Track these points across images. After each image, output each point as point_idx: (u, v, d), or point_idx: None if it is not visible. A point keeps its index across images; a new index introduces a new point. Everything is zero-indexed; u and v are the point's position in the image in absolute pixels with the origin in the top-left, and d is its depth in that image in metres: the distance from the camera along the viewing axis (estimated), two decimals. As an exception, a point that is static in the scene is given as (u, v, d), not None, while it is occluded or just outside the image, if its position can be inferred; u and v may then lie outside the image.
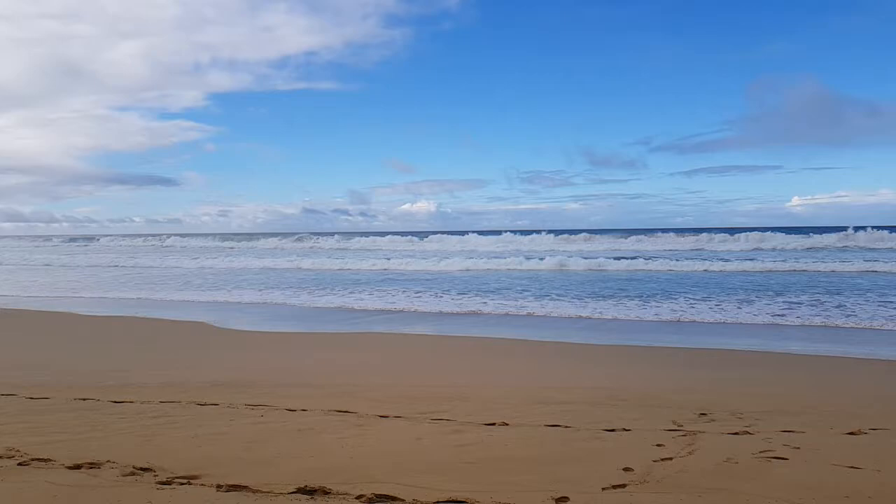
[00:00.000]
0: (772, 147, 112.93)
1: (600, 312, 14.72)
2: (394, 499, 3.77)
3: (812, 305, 15.47)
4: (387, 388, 7.23)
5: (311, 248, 51.51)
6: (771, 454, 4.62)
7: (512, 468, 4.37)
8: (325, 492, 3.88)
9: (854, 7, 74.08)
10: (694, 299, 16.84)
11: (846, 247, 39.11)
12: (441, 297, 18.18)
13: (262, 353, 10.20)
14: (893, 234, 39.84)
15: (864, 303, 15.68)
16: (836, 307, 15.05)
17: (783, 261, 28.41)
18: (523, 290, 19.70)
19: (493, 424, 5.57)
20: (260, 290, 20.43)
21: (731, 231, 46.70)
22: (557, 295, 18.29)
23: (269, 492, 3.86)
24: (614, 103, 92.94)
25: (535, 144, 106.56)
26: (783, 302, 16.11)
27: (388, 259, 34.61)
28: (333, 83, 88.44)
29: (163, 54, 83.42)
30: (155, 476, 4.13)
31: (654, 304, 16.04)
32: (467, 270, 28.22)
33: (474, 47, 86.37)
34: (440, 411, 5.99)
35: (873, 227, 42.45)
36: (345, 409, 6.00)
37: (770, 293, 17.92)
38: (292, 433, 5.26)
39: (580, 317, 14.22)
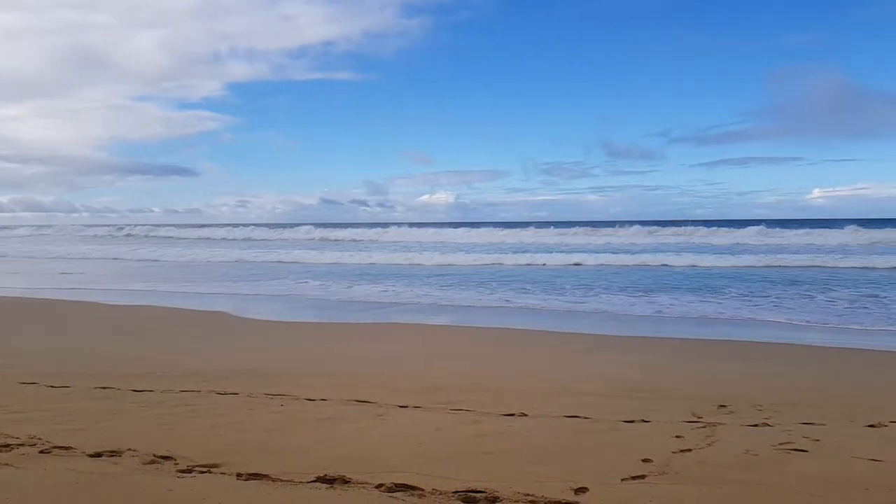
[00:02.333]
0: (792, 138, 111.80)
1: (624, 306, 14.67)
2: (413, 488, 3.79)
3: (835, 300, 15.31)
4: (406, 378, 7.26)
5: (333, 239, 51.46)
6: (791, 446, 4.58)
7: (531, 459, 4.37)
8: (345, 481, 3.90)
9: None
10: (722, 294, 16.73)
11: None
12: (465, 288, 18.17)
13: (282, 343, 10.28)
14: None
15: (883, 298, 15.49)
16: (860, 302, 14.90)
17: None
18: (546, 284, 19.67)
19: (513, 415, 5.57)
20: (281, 281, 20.55)
21: (744, 223, 46.18)
22: (575, 288, 18.25)
23: (288, 480, 3.89)
24: (633, 94, 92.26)
25: (554, 135, 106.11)
26: (821, 298, 15.98)
27: (414, 252, 34.56)
28: (351, 73, 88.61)
29: (181, 44, 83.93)
30: (175, 464, 4.18)
31: (673, 297, 15.95)
32: (496, 264, 27.97)
33: (493, 37, 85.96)
34: (459, 402, 6.00)
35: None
36: (364, 399, 6.03)
37: (804, 287, 17.75)
38: (312, 423, 5.30)
39: (602, 311, 14.16)
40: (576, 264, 26.18)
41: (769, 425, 5.25)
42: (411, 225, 57.24)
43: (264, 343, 10.25)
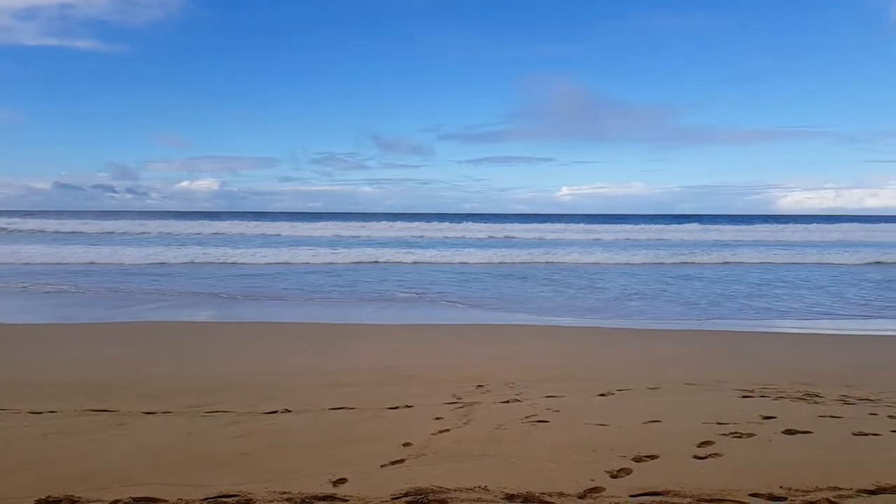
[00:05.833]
0: (545, 140, 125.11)
1: (394, 296, 14.99)
2: (155, 500, 3.44)
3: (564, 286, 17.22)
4: (155, 381, 6.61)
5: (72, 231, 45.05)
6: (536, 418, 4.99)
7: (291, 455, 4.23)
8: (72, 500, 3.42)
9: (611, 16, 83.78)
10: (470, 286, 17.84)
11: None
12: (225, 280, 17.18)
13: (3, 348, 8.79)
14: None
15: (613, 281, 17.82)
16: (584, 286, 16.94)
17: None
18: (321, 277, 19.41)
19: (275, 412, 5.35)
20: (10, 278, 17.65)
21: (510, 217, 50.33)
22: (348, 281, 18.31)
23: (-4, 509, 3.30)
24: (402, 89, 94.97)
25: (326, 125, 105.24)
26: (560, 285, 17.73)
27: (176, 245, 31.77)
28: (95, 42, 78.34)
29: None
30: None
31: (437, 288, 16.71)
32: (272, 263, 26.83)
33: (258, 17, 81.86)
34: (216, 403, 5.62)
35: (630, 216, 48.62)
36: (103, 408, 5.36)
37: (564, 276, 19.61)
38: (36, 439, 4.58)
39: (372, 300, 14.32)
40: (356, 262, 26.21)
41: (519, 400, 5.68)
42: (173, 214, 52.51)
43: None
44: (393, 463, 4.01)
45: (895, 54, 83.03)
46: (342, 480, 3.72)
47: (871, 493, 3.46)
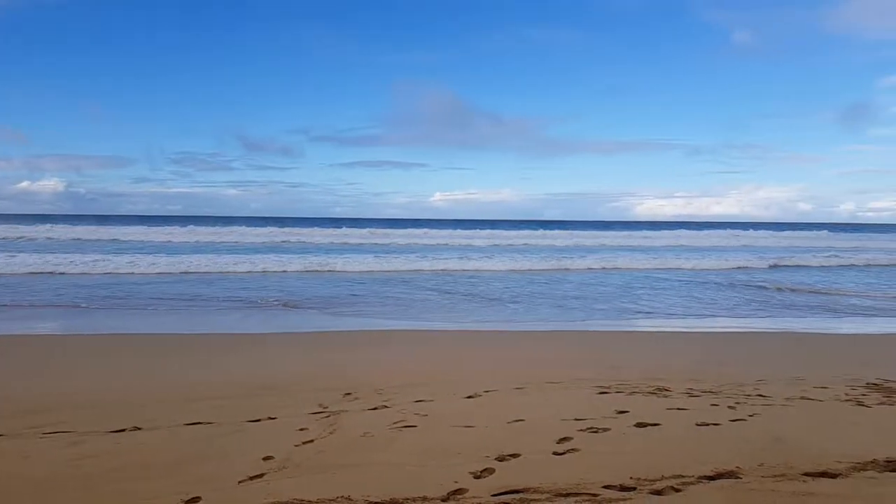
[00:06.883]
0: (418, 146, 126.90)
1: (251, 303, 14.44)
2: (-29, 538, 3.05)
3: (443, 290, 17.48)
4: (-16, 402, 5.92)
5: None
6: (403, 424, 4.97)
7: (140, 476, 3.93)
8: None
9: (482, 27, 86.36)
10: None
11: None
12: (71, 289, 15.77)
13: None
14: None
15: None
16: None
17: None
18: (170, 283, 18.31)
19: (123, 430, 4.95)
20: None
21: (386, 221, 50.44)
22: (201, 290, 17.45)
23: None
24: (271, 88, 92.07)
25: (186, 123, 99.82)
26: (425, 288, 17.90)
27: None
28: None
29: None
30: None
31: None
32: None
33: (110, 7, 75.34)
34: (57, 423, 5.11)
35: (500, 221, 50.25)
36: (-86, 436, 4.71)
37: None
38: None
39: (226, 308, 13.70)
40: (220, 270, 25.01)
41: (387, 407, 5.63)
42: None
43: None
44: (252, 478, 3.83)
45: (737, 74, 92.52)
46: (195, 500, 3.50)
47: (711, 478, 3.74)
